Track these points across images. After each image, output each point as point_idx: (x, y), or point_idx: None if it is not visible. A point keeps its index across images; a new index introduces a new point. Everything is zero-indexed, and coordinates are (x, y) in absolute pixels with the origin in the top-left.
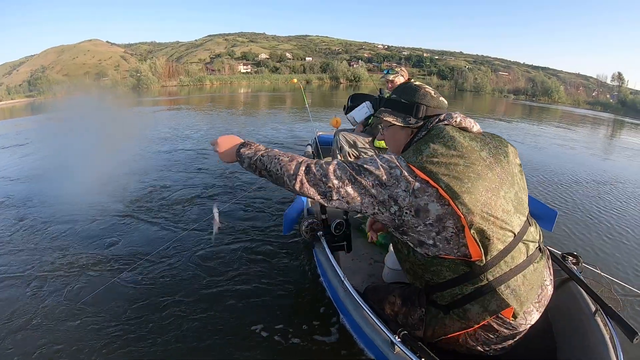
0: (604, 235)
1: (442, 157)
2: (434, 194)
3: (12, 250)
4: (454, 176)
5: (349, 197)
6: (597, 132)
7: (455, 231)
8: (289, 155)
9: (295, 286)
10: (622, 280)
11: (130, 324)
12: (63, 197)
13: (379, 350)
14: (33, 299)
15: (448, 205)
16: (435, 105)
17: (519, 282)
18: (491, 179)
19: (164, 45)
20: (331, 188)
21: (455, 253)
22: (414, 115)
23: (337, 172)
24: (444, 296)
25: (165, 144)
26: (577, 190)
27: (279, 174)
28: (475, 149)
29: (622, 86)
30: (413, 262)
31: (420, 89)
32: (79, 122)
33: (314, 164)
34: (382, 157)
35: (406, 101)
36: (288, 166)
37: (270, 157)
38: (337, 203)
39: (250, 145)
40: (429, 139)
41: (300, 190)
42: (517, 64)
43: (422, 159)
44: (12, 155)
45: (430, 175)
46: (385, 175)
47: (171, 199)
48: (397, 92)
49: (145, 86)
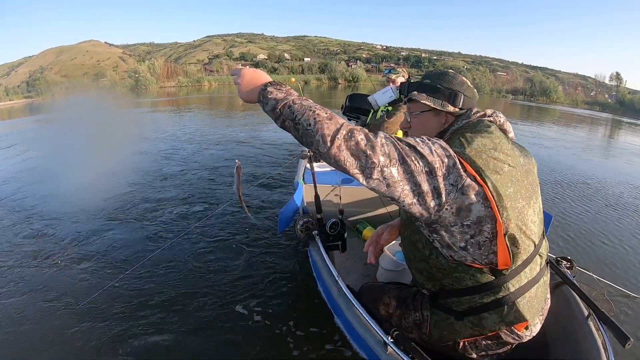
0: (599, 237)
1: (490, 155)
2: (480, 193)
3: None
4: (501, 177)
5: (391, 180)
6: (594, 134)
7: (490, 237)
8: (328, 112)
9: (289, 285)
10: (616, 283)
11: (126, 328)
12: (55, 198)
13: (372, 350)
14: (31, 304)
15: (490, 208)
16: (471, 96)
17: (532, 294)
18: (526, 187)
19: (163, 46)
20: (375, 164)
21: (482, 260)
22: (452, 103)
23: (385, 147)
24: (461, 302)
25: (161, 145)
26: (568, 192)
27: (309, 130)
28: (516, 153)
29: (620, 86)
30: (433, 264)
31: (458, 76)
32: (76, 123)
33: (358, 130)
34: (434, 140)
35: (442, 87)
36: (325, 124)
37: (304, 108)
38: (375, 183)
39: (281, 86)
40: (476, 132)
41: (335, 157)
42: (515, 64)
43: (471, 151)
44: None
45: (479, 171)
46: (437, 162)
47: (164, 200)
48: (432, 77)
49: (144, 87)
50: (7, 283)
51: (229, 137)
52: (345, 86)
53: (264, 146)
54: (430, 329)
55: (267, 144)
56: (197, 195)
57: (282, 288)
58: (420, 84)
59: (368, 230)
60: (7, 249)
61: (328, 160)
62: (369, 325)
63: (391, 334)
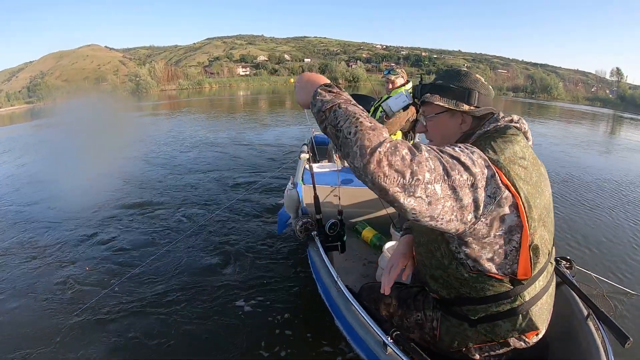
0: (598, 234)
1: (521, 164)
2: (514, 203)
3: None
4: (531, 188)
5: (434, 197)
6: (595, 130)
7: (517, 246)
8: (372, 121)
9: (288, 286)
10: (614, 281)
11: (130, 329)
12: (59, 200)
13: (371, 350)
14: (39, 308)
15: (519, 218)
16: (486, 94)
17: (543, 301)
18: (547, 198)
19: (163, 49)
20: (420, 181)
21: (505, 269)
22: (466, 102)
23: (430, 161)
24: (477, 310)
25: (166, 148)
26: (567, 189)
27: (348, 140)
28: (538, 162)
29: (621, 81)
30: (452, 274)
31: (470, 74)
32: (77, 127)
33: (402, 143)
34: (473, 149)
35: (456, 87)
36: (367, 134)
37: (348, 113)
38: (416, 203)
39: (332, 89)
40: (506, 139)
41: (373, 173)
42: (515, 61)
43: (505, 160)
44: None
45: (513, 181)
46: (479, 174)
47: (166, 203)
48: (443, 77)
49: (145, 90)
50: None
51: (225, 139)
52: (345, 86)
53: (264, 148)
54: (440, 335)
55: (267, 146)
56: (195, 200)
57: (281, 288)
58: (433, 85)
59: (367, 230)
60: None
61: (363, 177)
62: (368, 325)
63: (391, 334)
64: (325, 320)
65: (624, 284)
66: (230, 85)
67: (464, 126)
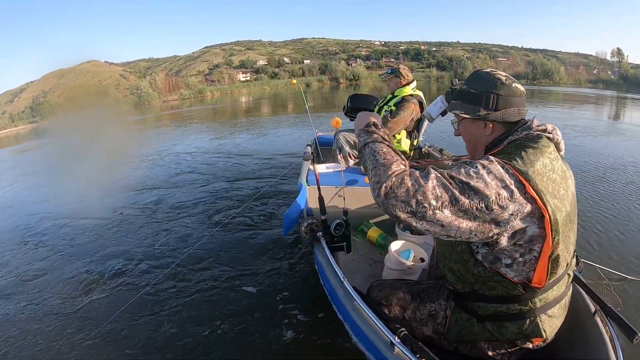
0: (604, 226)
1: (550, 177)
2: (536, 214)
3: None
4: (558, 201)
5: (445, 221)
6: (599, 113)
7: (537, 255)
8: (388, 156)
9: (295, 286)
10: (620, 270)
11: (151, 337)
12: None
13: (379, 350)
14: (60, 321)
15: (543, 229)
16: (506, 94)
17: (555, 310)
18: (572, 211)
19: (162, 61)
20: (426, 209)
21: (522, 275)
22: (483, 106)
23: (437, 189)
24: (487, 308)
25: (178, 158)
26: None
27: (370, 175)
28: (567, 175)
29: (622, 61)
30: (469, 269)
31: (489, 76)
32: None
33: (409, 175)
34: (489, 169)
35: (475, 91)
36: (379, 171)
37: (371, 151)
38: (428, 226)
39: (369, 128)
40: (537, 149)
41: (384, 202)
42: (515, 48)
43: (534, 172)
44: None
45: (540, 195)
46: (494, 195)
47: (179, 211)
48: (468, 82)
49: (147, 102)
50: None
51: (229, 147)
52: (347, 85)
53: (268, 153)
54: (449, 325)
55: (271, 151)
56: (199, 208)
57: (286, 289)
58: (460, 91)
59: (373, 230)
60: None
61: (380, 206)
62: (376, 325)
63: (398, 334)
64: (332, 320)
65: (631, 273)
66: (231, 92)
67: (488, 131)
